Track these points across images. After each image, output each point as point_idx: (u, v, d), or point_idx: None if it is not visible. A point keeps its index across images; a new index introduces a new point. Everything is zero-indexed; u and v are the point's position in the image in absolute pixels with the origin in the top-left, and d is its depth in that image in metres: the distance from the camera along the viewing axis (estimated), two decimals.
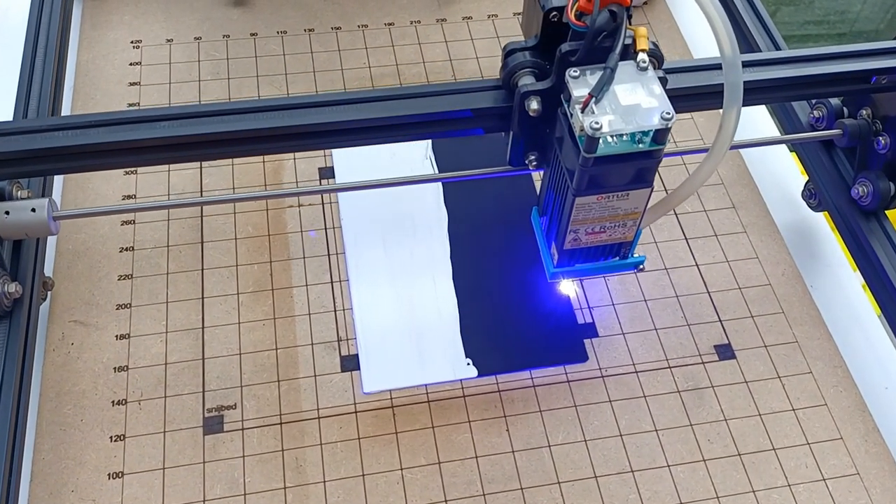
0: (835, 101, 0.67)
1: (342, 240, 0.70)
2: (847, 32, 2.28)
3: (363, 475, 0.58)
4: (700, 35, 0.88)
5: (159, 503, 0.56)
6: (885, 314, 0.63)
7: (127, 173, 0.72)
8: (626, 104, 0.46)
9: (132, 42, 0.83)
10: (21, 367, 0.56)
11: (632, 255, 0.55)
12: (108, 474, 0.57)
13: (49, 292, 0.65)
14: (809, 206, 0.72)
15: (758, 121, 0.81)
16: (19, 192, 0.59)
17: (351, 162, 0.75)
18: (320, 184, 0.74)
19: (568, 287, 0.66)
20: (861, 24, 2.31)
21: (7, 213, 0.56)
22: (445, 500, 0.57)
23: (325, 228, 0.71)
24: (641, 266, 0.56)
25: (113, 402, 0.60)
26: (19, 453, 0.54)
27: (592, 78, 0.47)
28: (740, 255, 0.71)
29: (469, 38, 0.86)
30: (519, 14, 0.89)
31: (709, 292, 0.69)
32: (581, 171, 0.47)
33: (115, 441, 0.59)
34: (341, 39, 0.85)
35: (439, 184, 0.74)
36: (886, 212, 0.65)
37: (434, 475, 0.58)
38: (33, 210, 0.56)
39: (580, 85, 0.47)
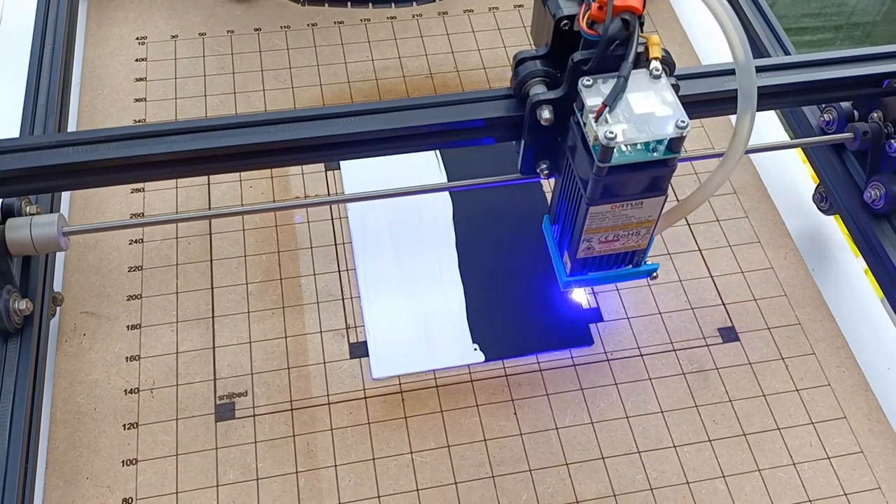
0: (845, 104, 0.67)
1: (349, 229, 0.71)
2: (844, 25, 2.29)
3: (374, 459, 0.59)
4: (698, 24, 0.89)
5: (173, 489, 0.57)
6: None
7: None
8: (639, 113, 0.46)
9: (137, 38, 0.84)
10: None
11: (644, 263, 0.55)
12: (123, 461, 0.58)
13: (58, 308, 0.64)
14: (820, 210, 0.71)
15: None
16: (28, 208, 0.59)
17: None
18: (325, 173, 0.74)
19: (580, 296, 0.67)
20: (857, 17, 2.32)
21: (15, 229, 0.55)
22: (455, 483, 0.58)
23: (332, 219, 0.71)
24: (655, 274, 0.56)
25: (125, 390, 0.61)
26: (35, 442, 0.54)
27: (605, 87, 0.47)
28: (742, 239, 0.72)
29: (471, 31, 0.87)
30: (519, 6, 0.90)
31: (712, 276, 0.70)
32: (595, 180, 0.47)
33: (129, 429, 0.60)
34: (344, 33, 0.86)
35: (444, 174, 0.74)
36: None
37: (444, 458, 0.59)
38: (43, 226, 0.55)
39: (593, 94, 0.47)
